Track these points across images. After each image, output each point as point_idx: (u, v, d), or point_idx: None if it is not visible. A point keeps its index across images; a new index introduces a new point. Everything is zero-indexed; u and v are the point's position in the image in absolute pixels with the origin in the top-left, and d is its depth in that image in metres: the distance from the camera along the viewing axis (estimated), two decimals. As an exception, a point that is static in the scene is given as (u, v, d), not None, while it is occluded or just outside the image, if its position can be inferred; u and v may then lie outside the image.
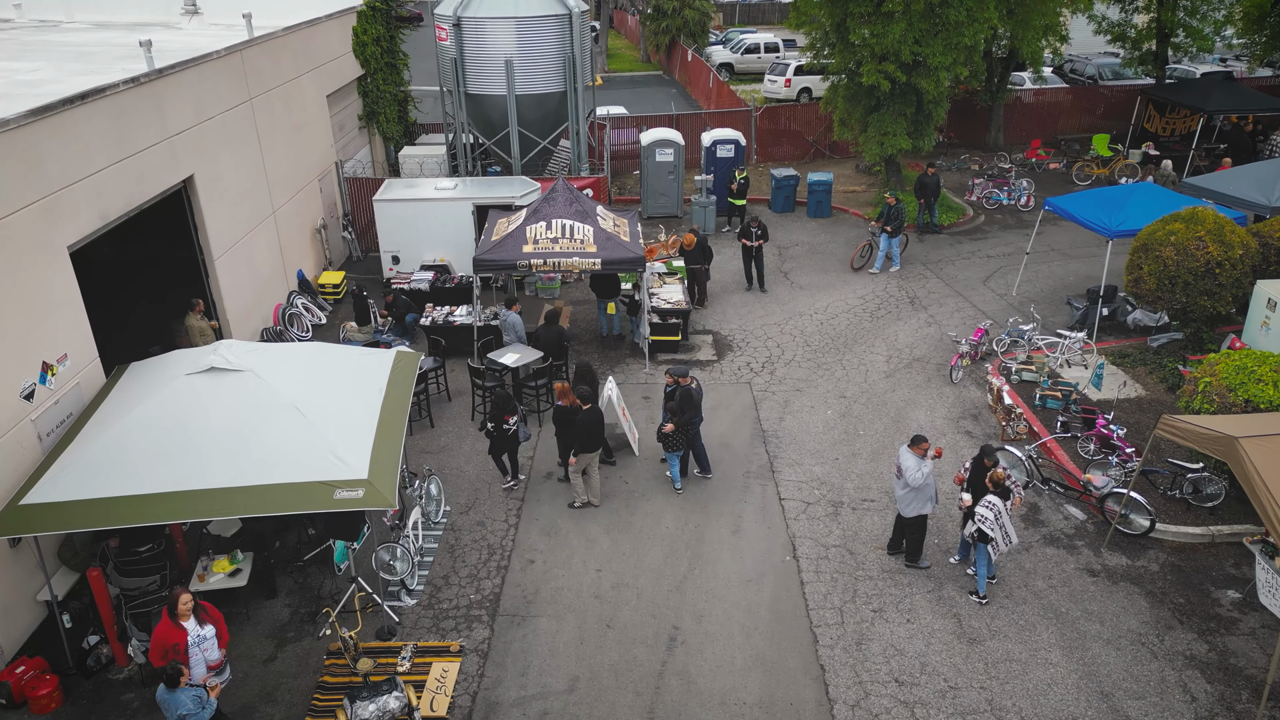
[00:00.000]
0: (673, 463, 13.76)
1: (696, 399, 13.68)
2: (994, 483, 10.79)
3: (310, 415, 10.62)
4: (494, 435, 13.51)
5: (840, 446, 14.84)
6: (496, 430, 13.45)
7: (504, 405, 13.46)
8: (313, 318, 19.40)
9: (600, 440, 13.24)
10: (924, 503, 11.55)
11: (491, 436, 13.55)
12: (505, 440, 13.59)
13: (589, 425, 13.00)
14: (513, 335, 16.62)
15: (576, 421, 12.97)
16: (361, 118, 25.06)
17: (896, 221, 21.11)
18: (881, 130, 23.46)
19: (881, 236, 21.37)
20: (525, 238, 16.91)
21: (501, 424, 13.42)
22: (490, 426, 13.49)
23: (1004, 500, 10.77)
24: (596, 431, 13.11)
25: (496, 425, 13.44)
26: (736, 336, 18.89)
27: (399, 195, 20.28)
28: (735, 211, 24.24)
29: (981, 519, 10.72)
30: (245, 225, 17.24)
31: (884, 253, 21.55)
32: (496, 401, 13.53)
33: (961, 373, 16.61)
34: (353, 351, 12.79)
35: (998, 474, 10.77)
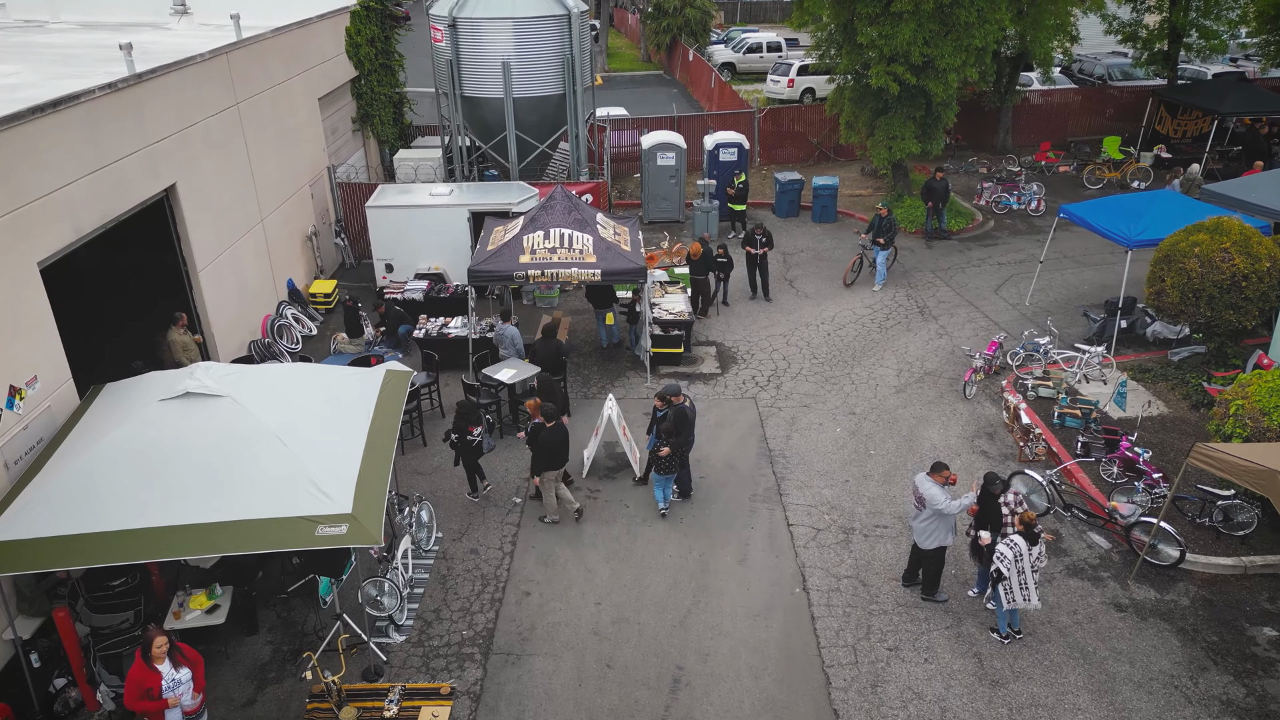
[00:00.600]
0: (660, 485, 13.14)
1: (690, 418, 13.07)
2: (1025, 525, 10.10)
3: (291, 444, 9.99)
4: (458, 446, 13.27)
5: (850, 467, 14.22)
6: (461, 441, 13.20)
7: (468, 416, 13.27)
8: (303, 329, 18.77)
9: (564, 458, 12.84)
10: (945, 534, 10.93)
11: (456, 448, 13.30)
12: (470, 452, 13.33)
13: (552, 443, 12.55)
14: (510, 349, 16.00)
15: (539, 438, 12.54)
16: (355, 121, 24.43)
17: (889, 234, 20.21)
18: (889, 133, 22.82)
19: (875, 249, 20.47)
20: (522, 247, 16.28)
21: (466, 435, 13.17)
22: (455, 438, 13.24)
23: (1030, 545, 10.08)
24: (560, 448, 12.67)
25: (461, 436, 13.18)
26: (741, 348, 18.26)
27: (392, 201, 19.65)
28: (735, 218, 23.56)
29: (1000, 556, 10.06)
30: (231, 235, 16.61)
31: (881, 265, 20.61)
32: (461, 412, 13.29)
33: (975, 388, 15.98)
34: (338, 372, 12.15)
35: (1028, 515, 10.11)
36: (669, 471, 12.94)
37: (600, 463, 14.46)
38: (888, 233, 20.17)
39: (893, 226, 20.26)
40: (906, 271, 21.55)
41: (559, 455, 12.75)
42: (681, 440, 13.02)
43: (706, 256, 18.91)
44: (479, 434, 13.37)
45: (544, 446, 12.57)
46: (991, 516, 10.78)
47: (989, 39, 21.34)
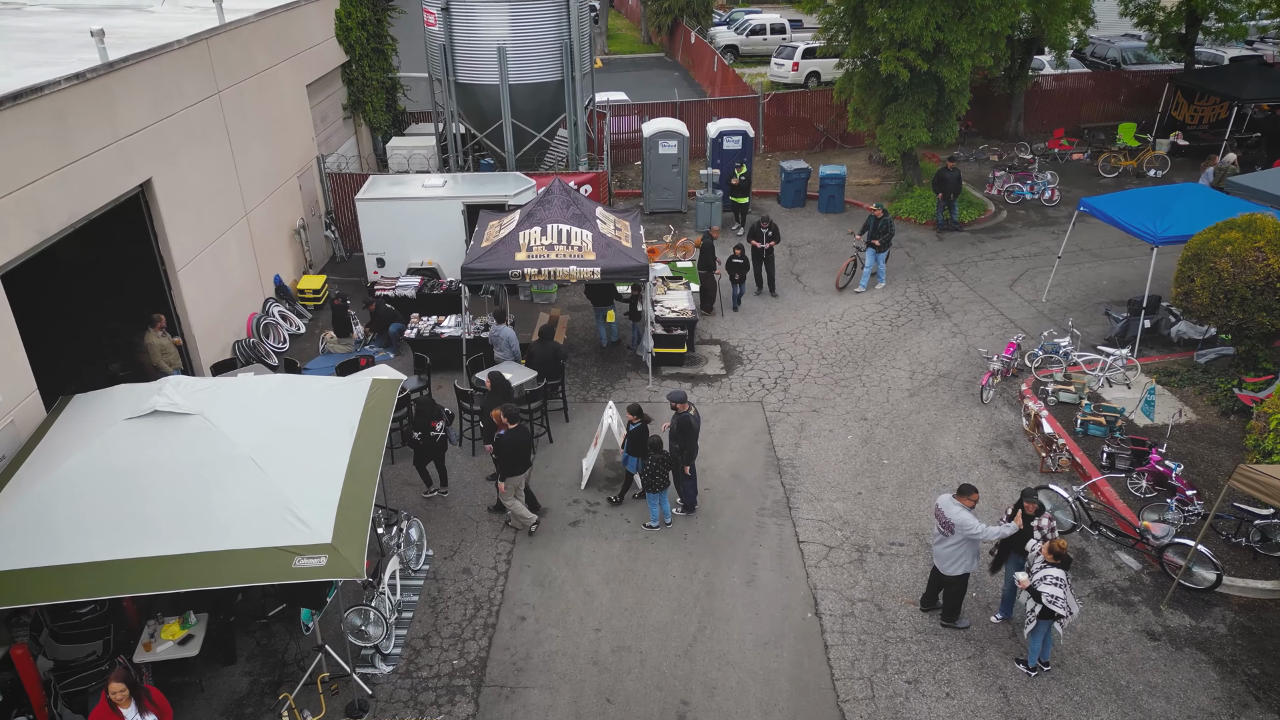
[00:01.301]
0: (654, 503, 12.50)
1: (695, 428, 12.39)
2: (1055, 554, 9.40)
3: (267, 466, 9.29)
4: (420, 444, 12.81)
5: (863, 478, 13.52)
6: (424, 438, 12.74)
7: (429, 411, 12.83)
8: (291, 327, 18.03)
9: (527, 461, 12.24)
10: (971, 560, 10.23)
11: (417, 445, 12.84)
12: (432, 448, 12.86)
13: (514, 445, 11.93)
14: (506, 352, 15.27)
15: (500, 442, 11.94)
16: (346, 107, 23.61)
17: (885, 235, 19.06)
18: (900, 122, 22.00)
19: (868, 252, 19.34)
20: (518, 244, 15.52)
21: (428, 431, 12.70)
22: (416, 435, 12.75)
23: (1065, 570, 9.39)
24: (523, 451, 12.08)
25: (423, 433, 12.70)
26: (746, 347, 17.52)
27: (383, 194, 18.86)
28: (737, 211, 22.73)
29: (1051, 600, 9.33)
30: (213, 230, 15.84)
31: (869, 269, 19.46)
32: (421, 408, 12.85)
33: (993, 392, 15.26)
34: (320, 383, 11.42)
35: (1060, 544, 9.40)
36: (660, 488, 12.25)
37: (600, 473, 13.76)
38: (884, 234, 19.06)
39: (889, 228, 19.09)
40: (918, 265, 20.79)
41: (521, 459, 12.12)
42: (685, 451, 12.35)
43: (709, 250, 18.13)
44: (441, 428, 12.88)
45: (505, 450, 11.96)
46: (1019, 539, 10.09)
47: (1005, 23, 20.51)
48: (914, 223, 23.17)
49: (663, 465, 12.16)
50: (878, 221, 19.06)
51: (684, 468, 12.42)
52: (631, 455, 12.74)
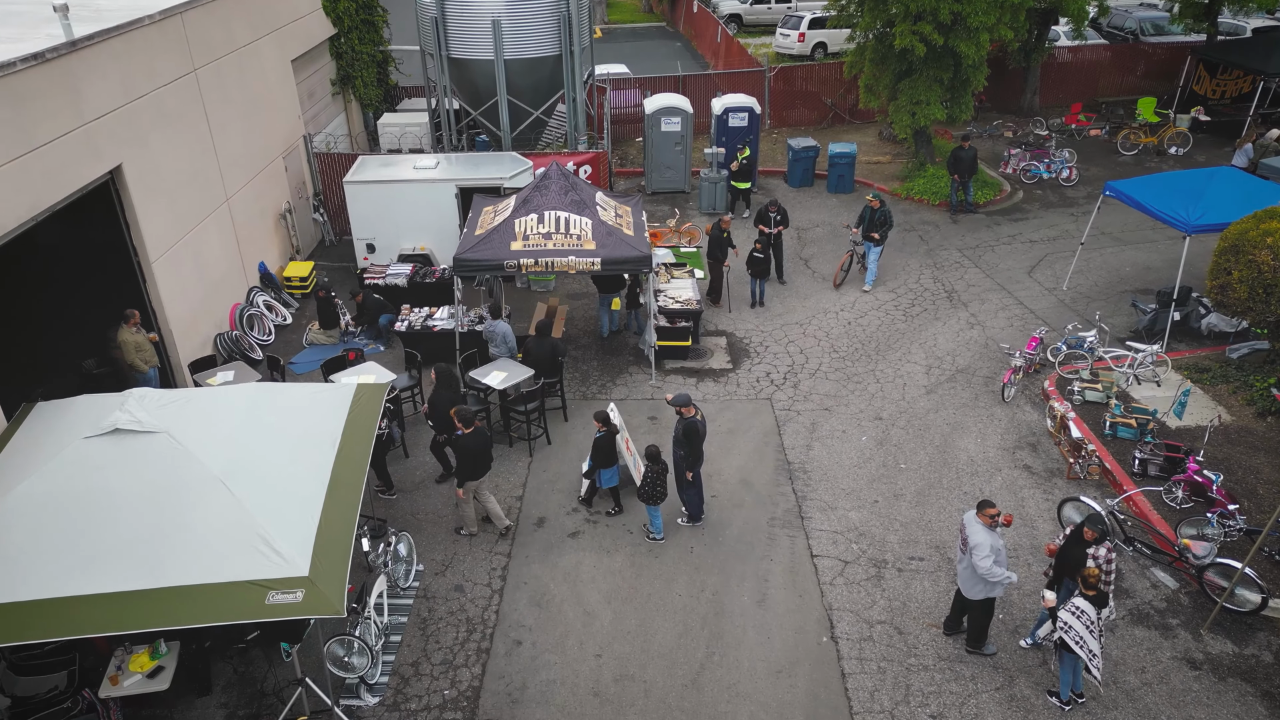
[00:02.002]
0: (655, 515, 11.79)
1: (701, 433, 11.64)
2: (1085, 582, 8.66)
3: (238, 489, 8.53)
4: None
5: (879, 484, 12.77)
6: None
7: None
8: (276, 317, 17.21)
9: (487, 465, 11.60)
10: (993, 584, 9.48)
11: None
12: (378, 447, 12.08)
13: (473, 450, 11.31)
14: (502, 348, 14.46)
15: (457, 445, 11.36)
16: (334, 83, 22.60)
17: (884, 229, 17.73)
18: (914, 98, 21.02)
19: (866, 245, 18.08)
20: (514, 232, 14.67)
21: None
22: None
23: (1097, 609, 8.64)
24: (482, 455, 11.45)
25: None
26: (754, 339, 16.71)
27: (373, 176, 17.95)
28: (739, 196, 21.70)
29: (1065, 627, 8.63)
30: (191, 218, 14.97)
31: (874, 263, 18.19)
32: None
33: (1014, 390, 14.47)
34: (300, 391, 10.62)
35: (1091, 571, 8.66)
36: (658, 500, 11.52)
37: (601, 479, 13.00)
38: (882, 227, 17.74)
39: (887, 220, 17.74)
40: (931, 250, 19.92)
41: (481, 463, 11.50)
42: (690, 457, 11.61)
43: (719, 241, 17.26)
44: (384, 425, 12.22)
45: (463, 454, 11.33)
46: (1072, 563, 9.34)
47: (1026, -6, 19.50)
48: (927, 204, 22.26)
49: (661, 476, 11.41)
50: (874, 213, 17.69)
51: (687, 474, 11.68)
52: (597, 466, 12.02)
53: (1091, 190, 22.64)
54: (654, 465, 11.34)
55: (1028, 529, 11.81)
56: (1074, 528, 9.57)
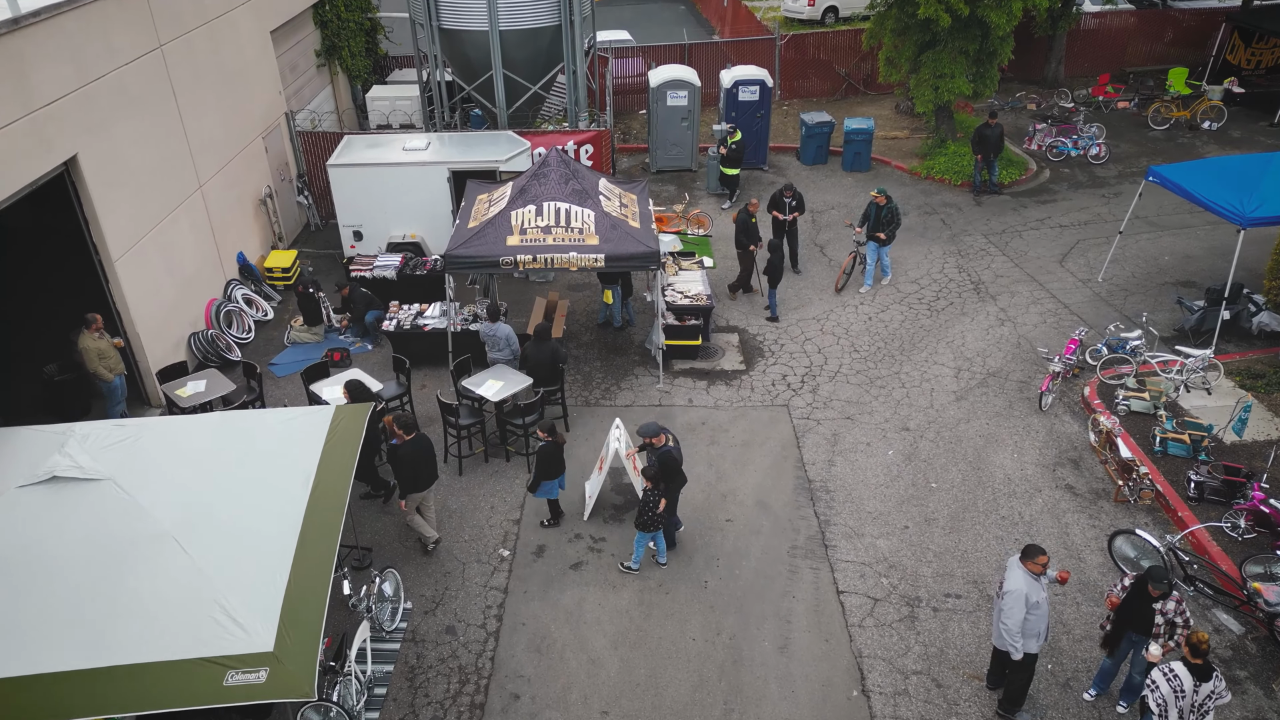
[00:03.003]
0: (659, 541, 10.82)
1: (679, 459, 10.63)
2: (1192, 648, 7.58)
3: (194, 547, 7.47)
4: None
5: (909, 507, 11.71)
6: None
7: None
8: (257, 312, 16.06)
9: (431, 474, 10.76)
10: (1030, 640, 8.45)
11: None
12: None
13: (412, 459, 10.41)
14: (504, 352, 13.29)
15: (394, 456, 10.52)
16: (319, 54, 21.25)
17: (891, 227, 16.18)
18: (936, 72, 19.70)
19: (869, 245, 16.56)
20: (510, 226, 13.50)
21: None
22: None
23: (1197, 681, 7.56)
24: (423, 464, 10.60)
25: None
26: (768, 336, 15.58)
27: (359, 158, 16.70)
28: (728, 184, 20.16)
29: (1151, 685, 7.60)
30: (159, 210, 13.78)
31: (873, 266, 16.68)
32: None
33: (1052, 397, 13.37)
34: (269, 419, 9.52)
35: (1199, 636, 7.58)
36: (654, 528, 10.47)
37: (606, 499, 11.95)
38: (889, 226, 16.16)
39: (895, 217, 16.12)
40: (955, 235, 18.72)
41: (423, 472, 10.60)
42: (673, 488, 10.58)
43: (747, 228, 16.06)
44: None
45: (403, 464, 10.43)
46: (1139, 620, 8.31)
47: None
48: (949, 184, 21.01)
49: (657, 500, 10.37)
50: (880, 210, 16.05)
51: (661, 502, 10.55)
52: (539, 479, 11.08)
53: (1123, 169, 21.39)
54: (654, 490, 10.28)
55: (1074, 560, 10.78)
56: (1135, 578, 8.52)
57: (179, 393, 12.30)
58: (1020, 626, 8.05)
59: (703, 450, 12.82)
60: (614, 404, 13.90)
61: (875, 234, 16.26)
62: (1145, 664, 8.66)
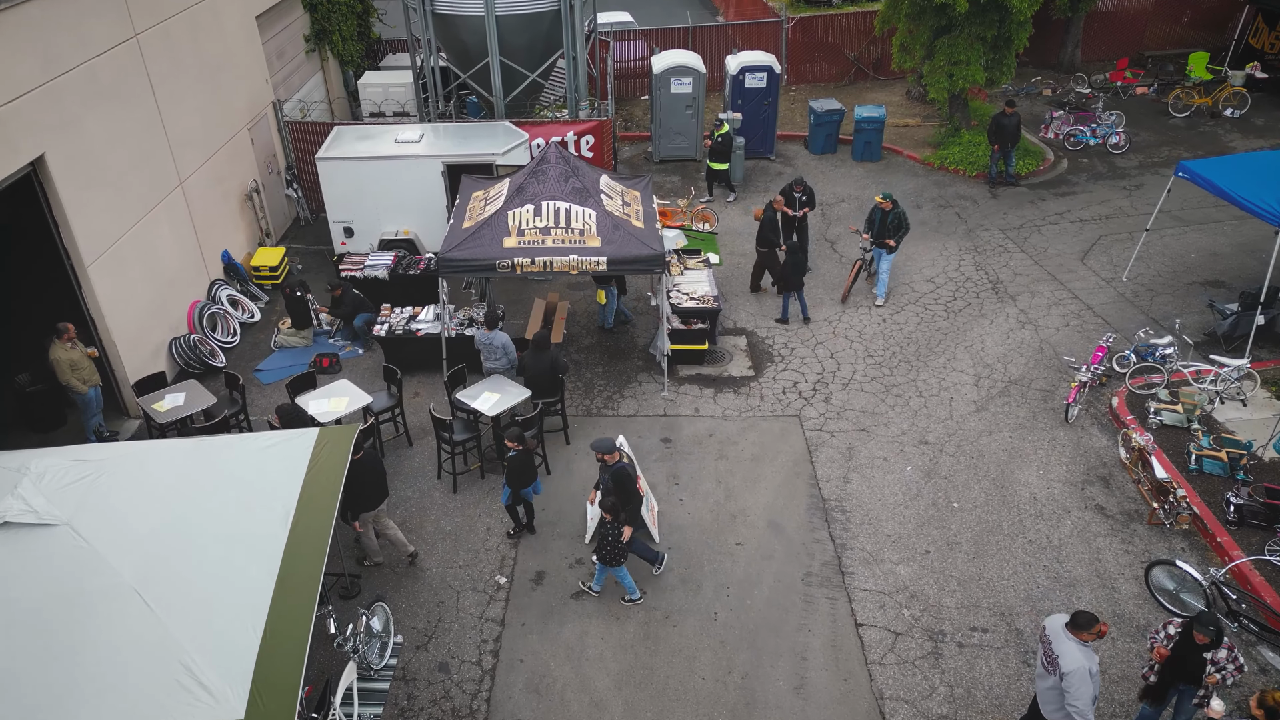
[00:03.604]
0: (623, 577, 10.05)
1: (634, 477, 10.06)
2: (1268, 711, 6.93)
3: (158, 601, 6.81)
4: None
5: (930, 529, 11.06)
6: None
7: None
8: (242, 314, 15.35)
9: (383, 491, 10.23)
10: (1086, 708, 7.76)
11: None
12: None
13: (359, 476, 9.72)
14: (501, 361, 12.58)
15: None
16: (308, 39, 20.41)
17: (899, 233, 15.04)
18: (952, 59, 18.87)
19: (876, 253, 15.45)
20: (506, 226, 12.79)
21: None
22: None
23: None
24: (373, 480, 10.05)
25: None
26: (777, 339, 14.89)
27: (348, 152, 15.93)
28: (715, 179, 19.25)
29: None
30: (136, 210, 13.05)
31: (885, 273, 15.43)
32: None
33: (1079, 408, 12.69)
34: (245, 446, 8.81)
35: (1275, 696, 6.92)
36: (619, 561, 9.79)
37: (608, 521, 11.28)
38: (897, 232, 15.05)
39: (902, 223, 15.02)
40: (971, 230, 17.97)
41: (371, 491, 10.02)
42: (632, 510, 9.96)
43: (773, 225, 15.35)
44: None
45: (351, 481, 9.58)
46: (1189, 668, 7.67)
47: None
48: (963, 175, 20.24)
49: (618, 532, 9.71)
50: (886, 216, 14.97)
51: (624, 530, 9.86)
52: (515, 488, 10.54)
53: (1144, 159, 20.60)
54: (613, 526, 9.61)
55: (1107, 589, 10.13)
56: (1182, 625, 7.87)
57: (156, 407, 11.62)
58: (1091, 704, 7.37)
59: (710, 466, 12.16)
60: (616, 413, 13.23)
61: (883, 240, 15.11)
62: (1192, 712, 8.05)
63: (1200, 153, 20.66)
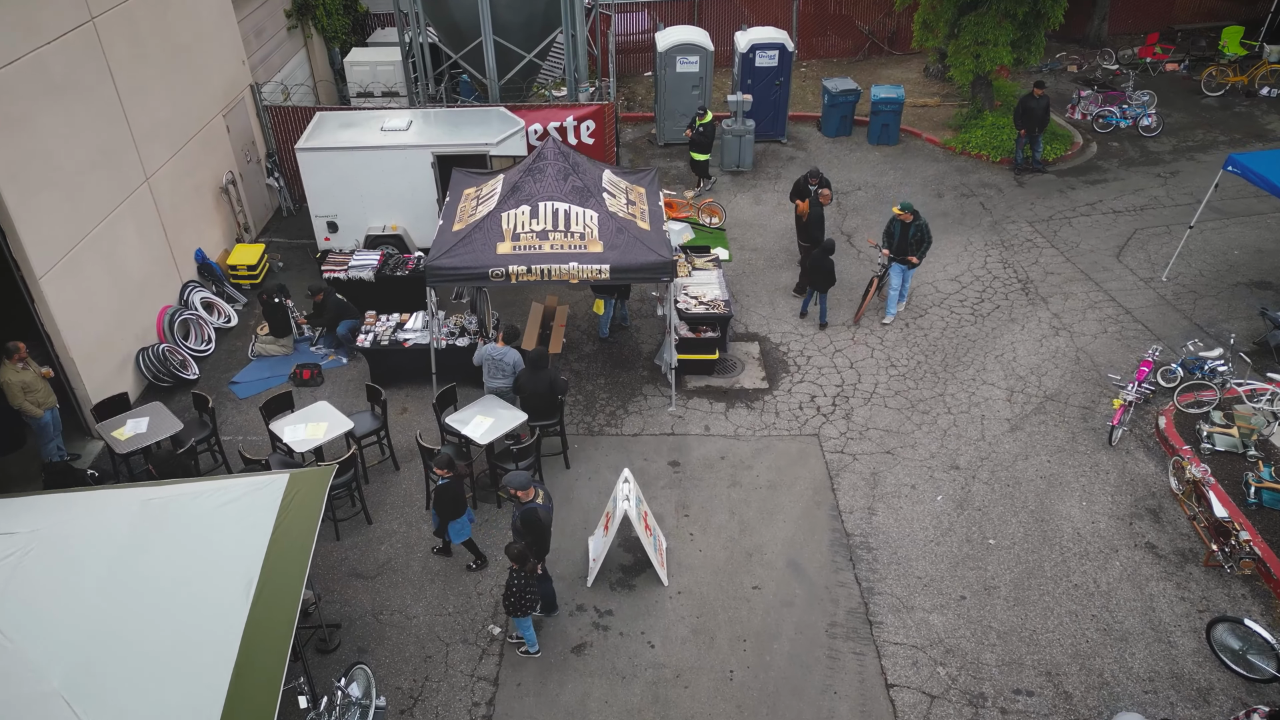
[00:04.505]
0: (525, 627, 9.15)
1: (545, 522, 9.06)
2: None
3: (91, 710, 5.83)
4: None
5: (964, 570, 10.10)
6: None
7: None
8: (218, 318, 14.29)
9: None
10: None
11: None
12: None
13: None
14: (503, 376, 11.51)
15: None
16: (290, 14, 19.16)
17: (923, 246, 13.59)
18: (978, 38, 17.64)
19: (894, 268, 13.80)
20: (500, 230, 11.71)
21: None
22: None
23: None
24: None
25: None
26: (792, 345, 13.85)
27: (331, 141, 14.80)
28: (697, 171, 17.93)
29: None
30: (96, 212, 11.96)
31: (896, 291, 13.98)
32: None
33: (1123, 430, 11.69)
34: (204, 502, 7.80)
35: None
36: (527, 611, 8.88)
37: (614, 560, 10.31)
38: (920, 246, 13.56)
39: (924, 236, 13.51)
40: (997, 223, 16.85)
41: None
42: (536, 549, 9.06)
43: (820, 221, 14.32)
44: None
45: None
46: None
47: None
48: (986, 160, 19.06)
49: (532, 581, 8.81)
50: (907, 228, 13.48)
51: (536, 567, 9.05)
52: (445, 519, 9.67)
53: (1178, 143, 19.42)
54: (521, 572, 8.67)
55: (1163, 644, 9.20)
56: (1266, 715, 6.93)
57: (116, 434, 10.61)
58: None
59: (723, 494, 11.18)
60: (620, 431, 12.23)
61: (905, 256, 13.65)
62: None
63: (1237, 136, 19.52)
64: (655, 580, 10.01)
